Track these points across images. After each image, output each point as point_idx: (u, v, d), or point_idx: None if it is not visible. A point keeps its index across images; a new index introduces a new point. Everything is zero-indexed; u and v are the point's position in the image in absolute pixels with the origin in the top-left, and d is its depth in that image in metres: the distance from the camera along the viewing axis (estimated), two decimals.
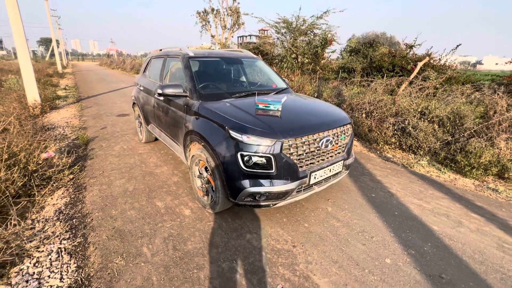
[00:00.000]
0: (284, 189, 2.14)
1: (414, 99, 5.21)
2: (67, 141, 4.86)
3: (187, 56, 3.14)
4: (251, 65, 3.90)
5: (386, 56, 12.48)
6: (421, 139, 4.56)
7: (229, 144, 2.15)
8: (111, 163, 3.82)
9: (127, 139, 4.95)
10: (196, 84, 2.86)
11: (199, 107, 2.59)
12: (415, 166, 4.08)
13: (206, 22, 20.95)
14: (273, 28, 12.76)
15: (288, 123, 2.30)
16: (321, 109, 2.83)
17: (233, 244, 2.20)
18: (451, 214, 2.72)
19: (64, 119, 6.54)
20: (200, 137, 2.43)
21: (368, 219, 2.59)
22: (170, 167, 3.70)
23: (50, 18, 22.63)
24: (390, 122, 4.98)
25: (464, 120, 4.57)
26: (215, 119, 2.35)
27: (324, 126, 2.39)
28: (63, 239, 2.30)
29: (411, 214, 2.70)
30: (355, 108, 5.88)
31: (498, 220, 2.65)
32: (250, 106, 2.54)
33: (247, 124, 2.16)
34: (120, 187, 3.15)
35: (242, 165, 2.10)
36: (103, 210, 2.67)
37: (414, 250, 2.18)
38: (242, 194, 2.15)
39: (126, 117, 6.70)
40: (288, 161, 2.13)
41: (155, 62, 4.04)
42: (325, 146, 2.35)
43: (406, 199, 3.00)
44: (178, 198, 2.91)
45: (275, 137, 2.09)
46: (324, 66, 13.03)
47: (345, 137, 2.61)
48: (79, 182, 3.30)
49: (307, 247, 2.18)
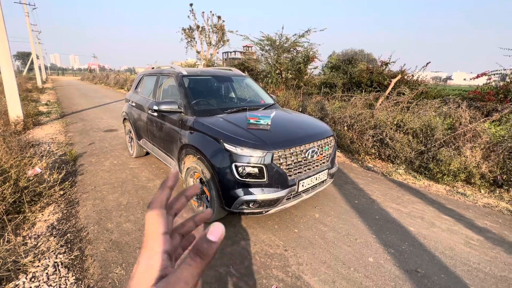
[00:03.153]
0: (275, 196, 2.32)
1: (390, 112, 5.65)
2: (54, 158, 4.81)
3: (180, 74, 3.34)
4: (240, 82, 4.16)
5: (364, 72, 13.29)
6: (398, 149, 4.94)
7: (224, 156, 2.34)
8: (102, 178, 3.85)
9: (116, 154, 4.98)
10: (190, 101, 3.05)
11: (194, 122, 2.77)
12: (394, 174, 4.41)
13: (191, 38, 21.43)
14: (258, 45, 13.32)
15: (277, 136, 2.52)
16: (306, 123, 3.09)
17: (228, 251, 2.33)
18: (426, 216, 3.00)
19: (48, 135, 6.44)
20: (195, 150, 2.60)
21: (352, 223, 2.81)
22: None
23: (31, 33, 22.24)
24: (370, 134, 5.36)
25: (434, 131, 5.02)
26: (210, 133, 2.53)
27: (309, 138, 2.64)
28: (59, 254, 2.33)
29: (390, 217, 2.96)
30: (337, 121, 6.25)
31: (465, 220, 2.96)
32: (241, 120, 2.75)
33: (240, 137, 2.36)
34: (114, 201, 3.20)
35: (236, 175, 2.28)
36: (98, 224, 2.72)
37: (393, 249, 2.40)
38: (236, 202, 2.31)
39: (114, 132, 6.70)
40: (278, 171, 2.33)
41: (147, 80, 4.20)
42: (311, 156, 2.59)
43: (386, 204, 3.26)
44: None
45: (266, 148, 2.30)
46: (307, 81, 13.66)
47: (329, 148, 2.87)
48: (71, 198, 3.31)
49: (297, 250, 2.35)
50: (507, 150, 4.02)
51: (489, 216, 3.07)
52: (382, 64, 12.76)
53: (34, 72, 39.23)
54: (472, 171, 4.10)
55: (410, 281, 2.04)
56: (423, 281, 2.04)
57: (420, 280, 2.05)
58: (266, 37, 12.85)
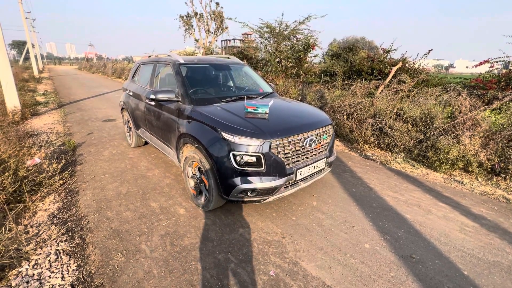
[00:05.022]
0: (273, 185, 2.34)
1: (390, 101, 5.61)
2: (53, 148, 4.81)
3: (178, 63, 3.29)
4: (239, 71, 4.11)
5: (365, 60, 13.09)
6: (397, 138, 4.94)
7: (221, 145, 2.33)
8: (101, 168, 3.87)
9: (115, 144, 4.98)
10: (188, 90, 3.01)
11: (191, 111, 2.75)
12: (392, 163, 4.43)
13: (189, 26, 20.99)
14: (257, 33, 13.06)
15: (275, 124, 2.51)
16: (304, 112, 3.07)
17: (227, 238, 2.37)
18: (422, 204, 3.04)
19: (47, 125, 6.41)
20: (193, 139, 2.59)
21: (349, 211, 2.84)
22: (162, 170, 3.80)
23: (25, 21, 21.75)
24: (369, 123, 5.34)
25: (434, 120, 5.00)
26: (208, 122, 2.52)
27: (307, 127, 2.63)
28: (60, 241, 2.37)
29: (387, 205, 2.99)
30: (337, 110, 6.22)
31: (461, 208, 2.99)
32: (239, 109, 2.73)
33: (238, 126, 2.35)
34: (113, 190, 3.23)
35: (234, 164, 2.28)
36: (98, 213, 2.75)
37: (389, 236, 2.44)
38: (234, 191, 2.33)
39: (112, 122, 6.67)
40: (276, 159, 2.34)
41: (144, 68, 4.14)
42: (309, 145, 2.58)
43: (383, 192, 3.29)
44: (172, 199, 3.03)
45: (264, 137, 2.29)
46: (307, 70, 13.48)
47: (327, 137, 2.86)
48: (71, 187, 3.34)
49: (295, 237, 2.39)
50: (506, 139, 4.02)
51: (485, 204, 3.10)
52: (384, 52, 12.57)
53: (30, 61, 38.66)
54: (470, 159, 4.11)
55: (405, 266, 2.08)
56: (418, 266, 2.08)
57: (414, 265, 2.09)
58: (265, 24, 12.58)
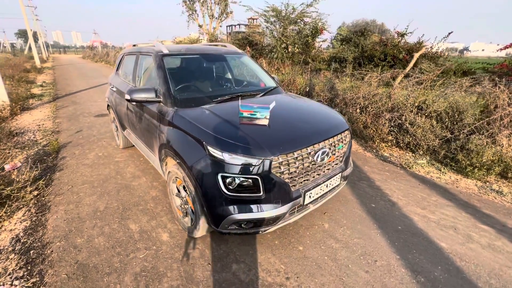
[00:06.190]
0: (274, 214, 1.82)
1: (411, 92, 4.92)
2: (37, 148, 4.39)
3: (160, 53, 2.71)
4: (236, 62, 3.50)
5: (377, 45, 12.15)
6: (419, 136, 4.32)
7: (207, 163, 1.80)
8: (82, 175, 3.42)
9: (103, 144, 4.52)
10: (171, 87, 2.46)
11: (173, 116, 2.21)
12: (414, 167, 3.84)
13: (192, 11, 20.04)
14: (262, 17, 12.21)
15: (277, 135, 1.95)
16: (315, 114, 2.49)
17: (216, 279, 1.89)
18: (459, 226, 2.48)
19: (36, 121, 6.00)
20: (174, 153, 2.07)
21: (369, 237, 2.32)
22: (149, 178, 3.33)
23: (24, 9, 21.16)
24: (386, 118, 4.71)
25: (463, 115, 4.33)
26: (191, 132, 1.98)
27: (319, 135, 2.06)
28: (16, 278, 1.94)
29: (416, 228, 2.45)
30: (349, 103, 5.58)
31: (509, 232, 2.42)
32: (233, 113, 2.18)
33: (228, 139, 1.81)
34: (90, 206, 2.77)
35: (223, 188, 1.76)
36: (66, 238, 2.30)
37: (424, 276, 1.92)
38: (225, 222, 1.82)
39: (104, 117, 6.20)
40: (278, 182, 1.80)
41: (127, 60, 3.59)
42: (321, 159, 2.03)
43: (409, 209, 2.74)
44: (155, 218, 2.56)
45: (262, 154, 1.75)
46: (315, 56, 12.60)
47: (343, 146, 2.30)
48: (44, 200, 2.90)
49: (302, 278, 1.89)
50: None
51: None
52: (398, 35, 11.59)
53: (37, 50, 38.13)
54: (509, 163, 3.49)
55: None
56: None
57: None
58: (271, 8, 11.70)
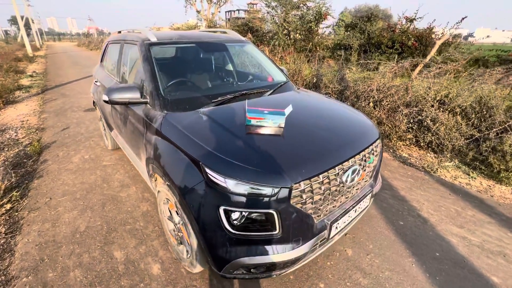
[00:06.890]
0: (293, 256, 1.39)
1: (433, 85, 4.43)
2: (17, 149, 3.95)
3: (147, 42, 2.21)
4: (239, 51, 2.99)
5: (385, 31, 11.47)
6: (442, 135, 3.86)
7: (205, 192, 1.36)
8: (64, 184, 2.98)
9: (91, 144, 4.06)
10: (160, 85, 1.98)
11: (162, 124, 1.74)
12: (439, 170, 3.40)
13: None
14: (263, 1, 11.48)
15: (297, 151, 1.49)
16: (340, 119, 2.03)
17: None
18: (508, 252, 2.07)
19: (20, 116, 5.52)
20: (163, 172, 1.62)
21: (403, 268, 1.91)
22: (140, 188, 2.90)
23: None
24: (404, 113, 4.24)
25: (493, 111, 3.86)
26: (184, 147, 1.52)
27: (349, 149, 1.61)
28: None
29: (456, 254, 2.04)
30: (361, 95, 5.09)
31: None
32: (238, 120, 1.71)
33: (233, 160, 1.36)
34: (69, 225, 2.35)
35: (227, 225, 1.33)
36: (35, 271, 1.89)
37: None
38: (230, 267, 1.40)
39: (95, 112, 5.71)
40: (299, 215, 1.37)
41: (112, 50, 3.07)
42: (351, 179, 1.59)
43: (444, 228, 2.33)
44: (145, 243, 2.14)
45: (279, 180, 1.30)
46: (319, 42, 11.92)
47: (374, 159, 1.85)
48: (17, 217, 2.49)
49: None
50: None
51: None
52: (407, 21, 10.90)
53: (30, 37, 36.80)
54: None
55: None
56: None
57: None
58: None
